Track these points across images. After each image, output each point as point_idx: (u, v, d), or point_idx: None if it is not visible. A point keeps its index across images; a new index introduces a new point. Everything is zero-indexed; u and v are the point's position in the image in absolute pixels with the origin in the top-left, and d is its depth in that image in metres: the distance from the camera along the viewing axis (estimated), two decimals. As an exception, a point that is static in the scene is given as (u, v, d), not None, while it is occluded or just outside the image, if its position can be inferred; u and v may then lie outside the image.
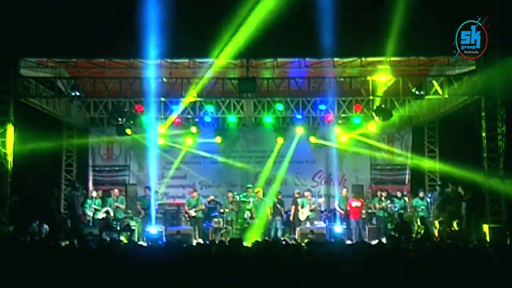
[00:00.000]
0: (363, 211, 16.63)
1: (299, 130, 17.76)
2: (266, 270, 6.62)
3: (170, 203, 18.04)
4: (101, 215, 15.99)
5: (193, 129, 17.46)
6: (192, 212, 16.29)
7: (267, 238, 15.38)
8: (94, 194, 16.71)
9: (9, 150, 15.05)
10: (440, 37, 13.64)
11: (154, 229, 15.77)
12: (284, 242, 12.18)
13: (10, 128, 15.07)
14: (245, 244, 10.36)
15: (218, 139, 18.31)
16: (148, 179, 18.44)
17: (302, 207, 16.48)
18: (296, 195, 16.96)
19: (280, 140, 18.34)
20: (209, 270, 6.58)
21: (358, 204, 16.43)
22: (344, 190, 17.23)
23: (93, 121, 18.98)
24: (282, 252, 8.47)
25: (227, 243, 9.97)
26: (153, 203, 16.40)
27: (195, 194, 16.80)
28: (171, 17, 13.61)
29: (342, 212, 16.58)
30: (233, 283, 6.27)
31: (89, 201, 16.36)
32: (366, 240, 15.48)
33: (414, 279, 6.39)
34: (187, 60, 15.54)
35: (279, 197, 17.07)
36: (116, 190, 16.85)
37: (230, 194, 16.87)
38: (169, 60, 15.50)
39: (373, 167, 19.33)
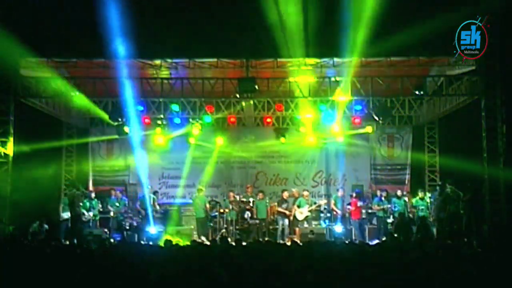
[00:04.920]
0: (363, 211, 16.67)
1: (303, 130, 17.79)
2: (265, 270, 6.62)
3: (170, 203, 18.13)
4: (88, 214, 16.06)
5: (195, 130, 17.49)
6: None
7: (266, 239, 15.44)
8: (93, 195, 16.72)
9: (9, 150, 15.06)
10: (440, 37, 13.63)
11: (154, 229, 15.88)
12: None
13: (10, 128, 15.08)
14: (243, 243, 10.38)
15: (219, 140, 18.31)
16: (148, 179, 18.52)
17: (299, 207, 16.48)
18: (296, 194, 16.97)
19: (282, 140, 18.35)
20: (208, 270, 6.58)
21: (362, 203, 16.45)
22: (340, 191, 17.21)
23: (93, 121, 18.98)
24: (281, 252, 8.48)
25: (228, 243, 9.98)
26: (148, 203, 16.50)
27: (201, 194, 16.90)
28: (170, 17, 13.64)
29: (340, 212, 16.57)
30: (232, 283, 6.27)
31: (86, 201, 16.31)
32: (366, 240, 15.57)
33: (414, 279, 6.39)
34: (187, 60, 15.54)
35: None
36: (118, 192, 16.89)
37: (231, 194, 16.94)
38: (169, 60, 15.50)
39: (373, 167, 19.34)
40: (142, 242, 14.52)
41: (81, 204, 16.02)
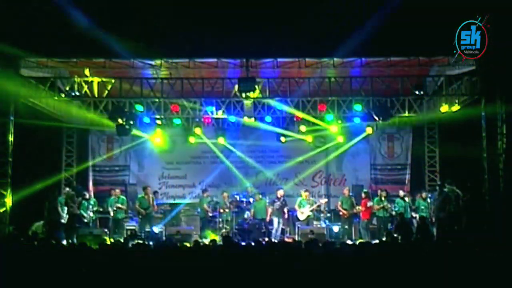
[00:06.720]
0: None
1: (303, 129, 17.79)
2: (265, 270, 6.63)
3: (170, 203, 18.16)
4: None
5: (197, 130, 17.48)
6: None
7: (266, 239, 15.44)
8: (87, 195, 16.61)
9: (9, 150, 15.05)
10: (440, 37, 13.63)
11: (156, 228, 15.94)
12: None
13: (10, 128, 15.06)
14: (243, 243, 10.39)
15: (220, 140, 18.31)
16: (148, 179, 18.55)
17: (300, 207, 16.48)
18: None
19: (282, 140, 18.31)
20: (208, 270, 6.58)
21: (372, 203, 16.45)
22: (345, 190, 17.19)
23: (94, 121, 18.93)
24: (281, 252, 8.48)
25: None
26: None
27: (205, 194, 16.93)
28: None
29: (346, 212, 16.54)
30: (233, 283, 6.28)
31: (85, 202, 16.25)
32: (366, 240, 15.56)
33: (414, 279, 6.41)
34: (187, 60, 15.54)
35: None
36: (117, 190, 16.86)
37: (225, 194, 16.98)
38: (170, 60, 15.50)
39: (373, 167, 19.34)
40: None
41: (74, 204, 15.95)
